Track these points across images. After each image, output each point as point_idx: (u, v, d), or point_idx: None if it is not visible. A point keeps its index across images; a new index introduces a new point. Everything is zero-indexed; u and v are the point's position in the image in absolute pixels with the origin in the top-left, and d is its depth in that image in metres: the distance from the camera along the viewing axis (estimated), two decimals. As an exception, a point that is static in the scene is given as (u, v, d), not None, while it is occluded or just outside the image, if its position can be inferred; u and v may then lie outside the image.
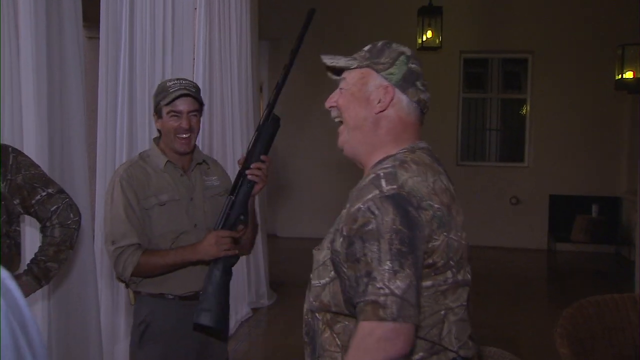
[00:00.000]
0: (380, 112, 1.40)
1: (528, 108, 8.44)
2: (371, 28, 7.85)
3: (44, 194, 2.18)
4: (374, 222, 1.23)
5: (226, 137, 4.85)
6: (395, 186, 1.26)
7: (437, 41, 7.09)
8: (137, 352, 2.28)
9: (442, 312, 1.33)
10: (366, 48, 1.47)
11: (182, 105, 2.24)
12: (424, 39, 7.09)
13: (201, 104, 2.31)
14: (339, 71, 1.50)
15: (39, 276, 2.22)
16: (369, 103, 1.40)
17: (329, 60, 1.47)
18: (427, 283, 1.29)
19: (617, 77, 5.92)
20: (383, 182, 1.27)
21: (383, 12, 8.14)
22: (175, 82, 2.27)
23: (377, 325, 1.19)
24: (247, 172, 2.16)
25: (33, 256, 2.26)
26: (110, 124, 3.24)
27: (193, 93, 2.26)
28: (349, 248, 1.26)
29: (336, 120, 1.49)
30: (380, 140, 1.41)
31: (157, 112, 2.28)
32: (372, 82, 1.41)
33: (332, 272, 1.36)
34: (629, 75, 5.80)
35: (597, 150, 8.00)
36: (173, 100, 2.22)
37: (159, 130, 2.32)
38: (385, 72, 1.40)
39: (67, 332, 2.80)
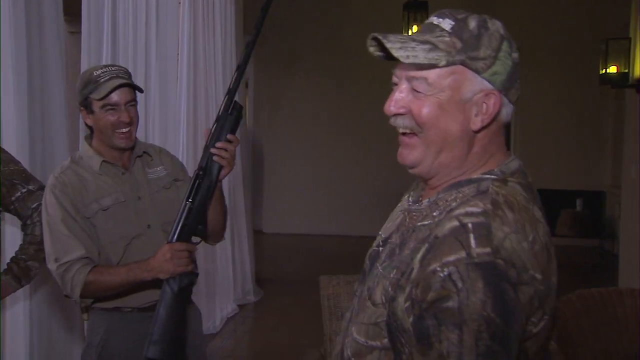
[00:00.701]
0: (482, 129, 1.02)
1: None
2: (354, 22, 7.82)
3: (24, 190, 2.13)
4: (455, 299, 0.89)
5: (211, 133, 4.80)
6: (489, 250, 0.90)
7: (423, 36, 7.07)
8: None
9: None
10: (449, 26, 1.02)
11: (118, 96, 1.95)
12: (410, 33, 7.08)
13: (139, 90, 2.05)
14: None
15: (19, 275, 2.17)
16: (464, 116, 1.01)
17: (400, 50, 0.98)
18: None
19: (601, 72, 5.93)
20: (472, 241, 0.91)
21: (367, 7, 8.12)
22: (104, 70, 1.96)
23: None
24: (212, 151, 1.87)
25: (13, 255, 2.21)
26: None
27: (128, 80, 1.99)
28: (419, 323, 0.92)
29: (402, 131, 1.06)
30: (470, 161, 1.04)
31: (86, 107, 1.97)
32: (469, 87, 1.00)
33: (386, 340, 1.02)
34: (612, 69, 5.80)
35: (582, 144, 8.05)
36: (109, 93, 1.93)
37: (89, 127, 2.03)
38: (487, 73, 1.00)
39: (49, 334, 2.75)
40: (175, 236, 1.89)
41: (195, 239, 1.94)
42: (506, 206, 0.96)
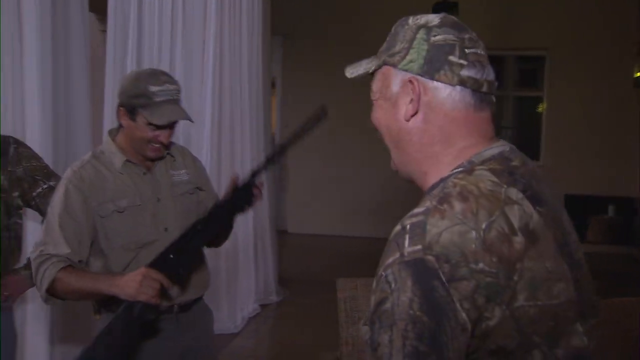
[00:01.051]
0: (413, 116, 1.02)
1: (544, 106, 8.33)
2: (383, 26, 7.74)
3: (45, 186, 2.15)
4: (390, 300, 0.87)
5: (235, 134, 4.80)
6: (419, 247, 0.87)
7: (452, 37, 7.01)
8: None
9: None
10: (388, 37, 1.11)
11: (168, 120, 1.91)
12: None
13: (189, 120, 2.01)
14: None
15: (38, 270, 2.19)
16: (397, 110, 1.04)
17: (349, 72, 1.13)
18: None
19: (635, 75, 5.79)
20: (406, 240, 0.89)
21: (397, 7, 8.04)
22: (161, 87, 1.87)
23: None
24: (255, 191, 1.88)
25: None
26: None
27: (184, 112, 1.93)
28: (369, 329, 0.91)
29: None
30: (426, 154, 1.03)
31: (129, 112, 1.90)
32: (392, 82, 1.04)
33: None
34: (647, 73, 5.68)
35: (614, 149, 7.87)
36: (162, 125, 1.88)
37: (120, 124, 1.97)
38: (402, 64, 1.03)
39: (70, 327, 2.78)
40: (155, 261, 1.80)
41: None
42: (457, 198, 0.92)
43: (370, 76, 1.11)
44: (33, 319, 2.56)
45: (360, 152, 8.28)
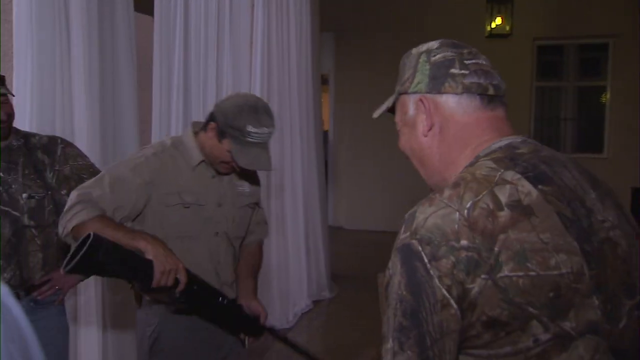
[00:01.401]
0: (430, 129, 1.11)
1: (608, 96, 8.01)
2: (437, 17, 7.66)
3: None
4: (390, 283, 0.98)
5: (284, 132, 4.83)
6: (407, 233, 0.97)
7: (508, 28, 6.84)
8: None
9: None
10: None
11: None
12: (493, 26, 6.86)
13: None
14: None
15: (85, 265, 2.28)
16: (416, 129, 1.13)
17: (375, 114, 1.27)
18: (506, 349, 0.93)
19: None
20: (402, 229, 0.99)
21: (449, 1, 7.92)
22: (257, 131, 1.91)
23: None
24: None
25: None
26: (164, 118, 3.29)
27: (269, 147, 2.00)
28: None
29: None
30: (446, 161, 1.11)
31: (220, 134, 1.94)
32: (407, 107, 1.14)
33: None
34: None
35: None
36: (242, 168, 1.97)
37: (206, 128, 2.00)
38: (412, 88, 1.13)
39: (121, 318, 2.86)
40: (194, 276, 1.86)
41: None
42: (449, 186, 1.00)
43: (388, 113, 1.25)
44: (85, 310, 2.65)
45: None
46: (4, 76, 2.09)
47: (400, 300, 0.94)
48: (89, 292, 2.64)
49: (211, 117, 1.98)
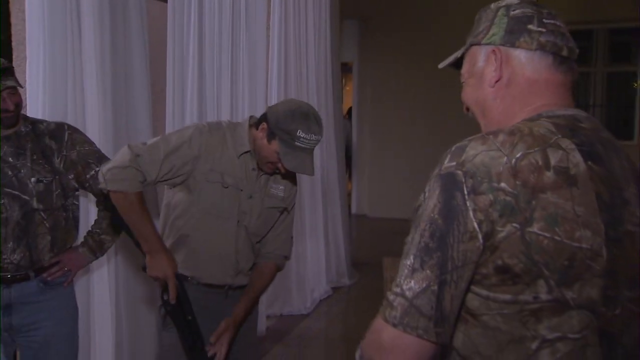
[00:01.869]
0: (497, 81, 1.13)
1: (639, 81, 7.81)
2: (462, 9, 7.53)
3: (97, 169, 2.28)
4: (423, 206, 1.01)
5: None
6: (454, 163, 0.99)
7: (533, 12, 6.70)
8: (162, 333, 2.20)
9: (533, 345, 0.97)
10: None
11: None
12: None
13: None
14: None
15: (94, 248, 2.35)
16: (484, 80, 1.15)
17: (441, 64, 1.29)
18: (506, 297, 0.97)
19: None
20: (447, 158, 1.02)
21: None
22: (307, 137, 2.01)
23: (383, 327, 0.99)
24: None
25: (89, 229, 2.39)
26: (178, 105, 3.31)
27: (313, 153, 2.10)
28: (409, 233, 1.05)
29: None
30: (508, 115, 1.13)
31: (270, 134, 2.04)
32: (478, 58, 1.16)
33: None
34: None
35: None
36: (287, 170, 2.06)
37: (258, 126, 2.09)
38: (485, 39, 1.14)
39: (134, 293, 2.91)
40: (183, 292, 2.07)
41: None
42: (505, 132, 1.03)
43: (451, 67, 1.26)
44: (98, 287, 2.70)
45: (438, 136, 8.13)
46: (12, 67, 2.15)
47: (431, 222, 0.98)
48: (102, 270, 2.69)
49: (263, 118, 2.09)
